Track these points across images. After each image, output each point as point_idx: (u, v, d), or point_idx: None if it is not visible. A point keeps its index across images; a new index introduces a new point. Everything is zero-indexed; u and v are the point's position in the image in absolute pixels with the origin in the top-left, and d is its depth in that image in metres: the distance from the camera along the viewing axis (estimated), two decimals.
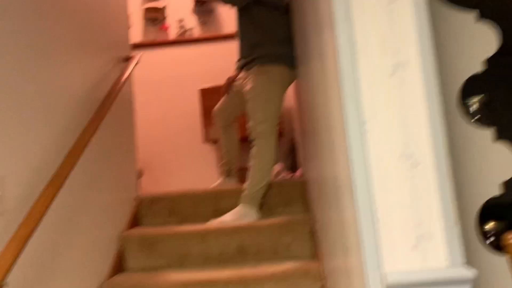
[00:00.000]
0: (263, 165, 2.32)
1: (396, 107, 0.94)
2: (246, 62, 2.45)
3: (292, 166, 3.36)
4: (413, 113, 0.94)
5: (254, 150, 2.35)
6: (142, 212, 2.55)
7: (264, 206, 2.45)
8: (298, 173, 3.03)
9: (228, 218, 2.28)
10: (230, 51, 3.29)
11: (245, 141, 2.78)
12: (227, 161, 2.74)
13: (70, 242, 1.79)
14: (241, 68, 2.56)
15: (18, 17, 1.58)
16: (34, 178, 1.57)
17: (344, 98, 0.93)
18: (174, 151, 3.92)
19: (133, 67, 2.67)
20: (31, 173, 1.56)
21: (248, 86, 2.40)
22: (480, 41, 1.37)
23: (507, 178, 1.27)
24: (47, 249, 1.62)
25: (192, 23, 4.17)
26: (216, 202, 2.52)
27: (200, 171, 3.85)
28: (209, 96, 3.56)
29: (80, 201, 1.91)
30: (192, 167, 3.88)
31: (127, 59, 2.72)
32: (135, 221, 2.48)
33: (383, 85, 0.94)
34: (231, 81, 2.66)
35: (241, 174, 2.82)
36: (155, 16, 4.13)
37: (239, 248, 2.13)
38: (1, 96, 1.42)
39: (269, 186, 2.41)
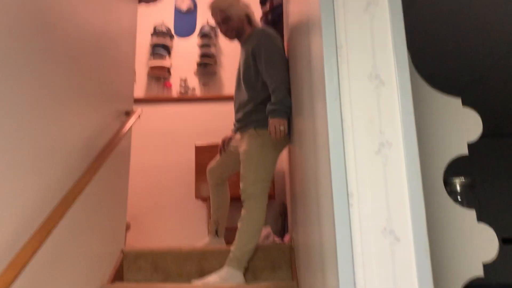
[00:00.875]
0: (251, 227, 2.33)
1: (380, 184, 0.99)
2: (242, 125, 2.54)
3: (281, 230, 3.35)
4: (395, 191, 0.98)
5: (243, 212, 2.37)
6: (126, 266, 2.52)
7: (250, 270, 2.43)
8: (286, 238, 3.02)
9: (212, 280, 2.25)
10: (228, 112, 3.40)
11: (236, 201, 2.80)
12: (215, 220, 2.75)
13: None
14: (237, 130, 2.65)
15: (23, 61, 1.66)
16: (22, 225, 1.58)
17: (332, 171, 0.98)
18: (165, 205, 3.92)
19: (133, 122, 2.74)
20: (20, 220, 1.57)
21: (242, 148, 2.47)
22: (465, 124, 1.45)
23: (488, 259, 1.30)
24: None
25: (194, 83, 4.33)
26: (201, 262, 2.49)
27: (189, 227, 3.83)
28: (203, 153, 3.63)
29: (65, 249, 1.90)
30: (181, 222, 3.86)
31: (128, 113, 2.81)
32: (118, 275, 2.44)
33: (369, 161, 1.00)
34: (226, 141, 2.73)
35: (230, 234, 2.81)
36: (159, 74, 4.29)
37: None
38: None
39: (256, 250, 2.40)
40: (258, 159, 2.39)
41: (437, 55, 1.80)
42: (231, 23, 2.61)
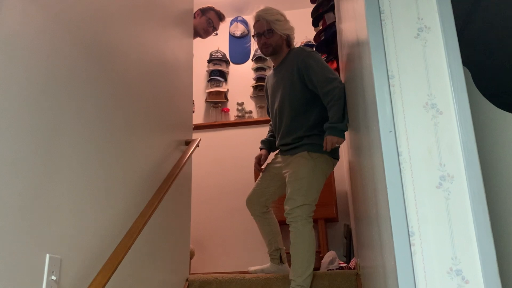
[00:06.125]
0: (306, 252, 2.28)
1: (443, 220, 0.92)
2: (291, 148, 2.50)
3: (347, 254, 3.26)
4: (460, 227, 0.92)
5: (293, 237, 2.32)
6: None
7: None
8: (352, 262, 2.93)
9: None
10: None
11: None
12: (276, 248, 2.70)
13: None
14: (280, 152, 2.62)
15: (86, 96, 1.74)
16: (90, 260, 1.64)
17: (391, 210, 0.93)
18: (227, 230, 3.95)
19: (193, 150, 2.81)
20: (88, 255, 1.63)
21: (291, 170, 2.43)
22: None
23: None
24: None
25: (251, 106, 4.38)
26: None
27: (251, 251, 3.83)
28: None
29: (132, 281, 1.95)
30: (243, 247, 3.87)
31: (188, 142, 2.88)
32: None
33: (430, 197, 0.94)
34: (262, 158, 2.73)
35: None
36: (217, 99, 4.39)
37: None
38: (62, 176, 1.50)
39: (321, 277, 2.35)
40: (309, 182, 2.36)
41: (500, 69, 1.68)
42: (272, 38, 2.58)
